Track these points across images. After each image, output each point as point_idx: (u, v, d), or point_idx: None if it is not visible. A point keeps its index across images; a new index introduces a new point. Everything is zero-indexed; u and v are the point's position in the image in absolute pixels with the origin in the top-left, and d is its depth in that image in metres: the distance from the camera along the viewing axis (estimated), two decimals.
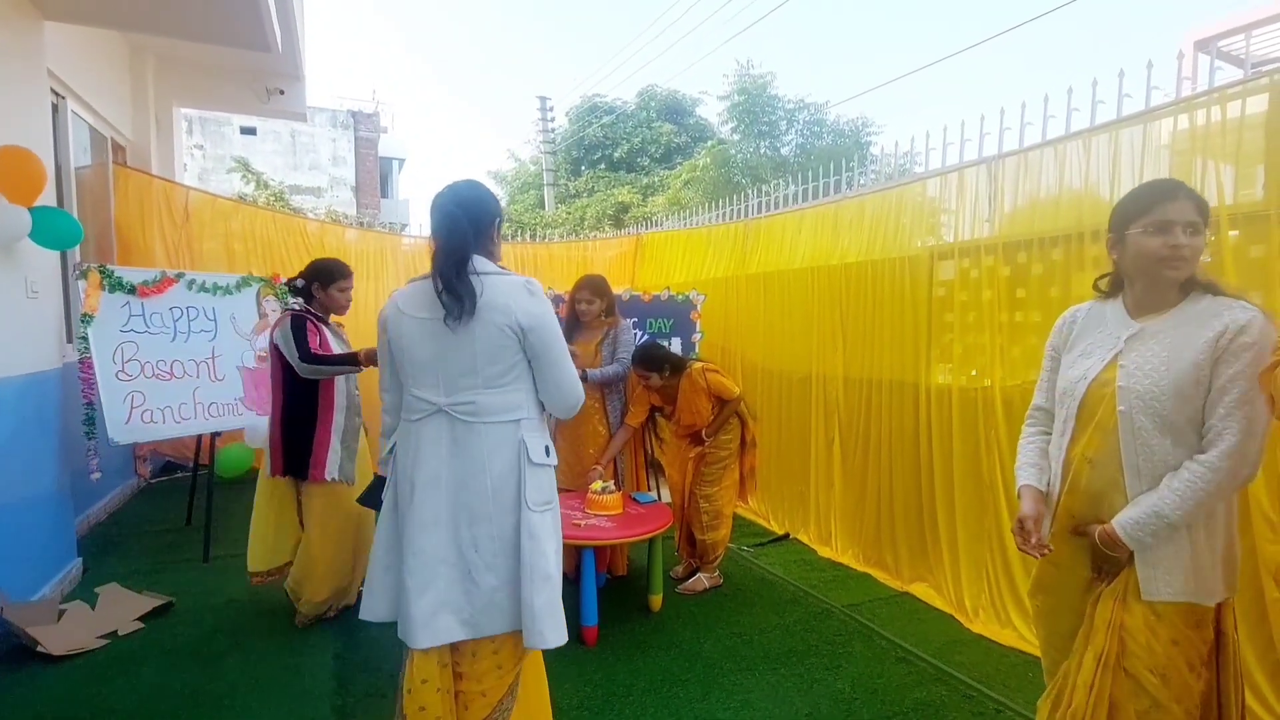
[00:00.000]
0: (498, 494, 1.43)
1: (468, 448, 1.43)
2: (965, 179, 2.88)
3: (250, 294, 3.82)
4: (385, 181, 20.26)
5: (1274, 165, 1.96)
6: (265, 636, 2.48)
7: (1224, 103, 2.09)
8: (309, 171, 17.24)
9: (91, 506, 3.74)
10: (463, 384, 1.42)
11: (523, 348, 1.43)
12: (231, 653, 2.36)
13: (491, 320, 1.40)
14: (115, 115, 4.49)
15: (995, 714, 2.02)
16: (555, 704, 1.94)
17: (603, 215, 13.33)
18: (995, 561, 2.63)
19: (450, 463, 1.42)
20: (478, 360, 1.41)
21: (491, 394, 1.43)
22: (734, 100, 11.18)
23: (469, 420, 1.43)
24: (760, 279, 4.07)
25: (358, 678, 2.20)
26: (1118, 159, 2.35)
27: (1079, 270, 2.44)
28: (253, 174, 12.62)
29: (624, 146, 14.64)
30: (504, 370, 1.43)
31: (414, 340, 1.44)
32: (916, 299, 3.02)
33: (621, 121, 14.94)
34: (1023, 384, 2.60)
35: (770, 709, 2.04)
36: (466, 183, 1.54)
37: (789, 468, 3.78)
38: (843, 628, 2.59)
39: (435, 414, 1.44)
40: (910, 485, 3.02)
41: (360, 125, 17.98)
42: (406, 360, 1.46)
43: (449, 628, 1.41)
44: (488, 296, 1.40)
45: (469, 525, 1.42)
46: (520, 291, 1.43)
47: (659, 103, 14.92)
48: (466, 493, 1.42)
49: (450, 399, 1.43)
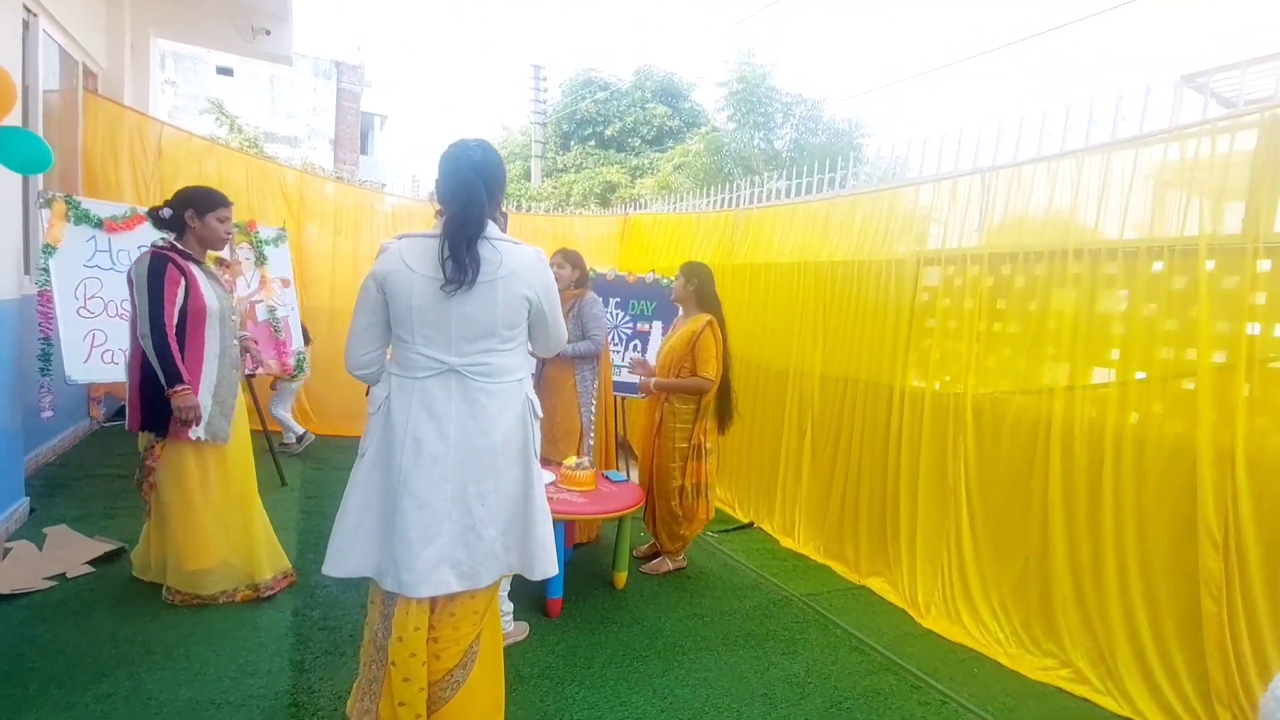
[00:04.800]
0: (506, 449, 1.50)
1: (480, 406, 1.47)
2: (959, 187, 2.91)
3: None
4: (365, 138, 19.57)
5: (1256, 199, 2.03)
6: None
7: (1214, 135, 2.15)
8: (286, 119, 16.54)
9: (40, 446, 3.57)
10: (479, 345, 1.47)
11: (530, 311, 1.52)
12: (190, 610, 2.26)
13: (514, 289, 1.47)
14: (88, 39, 4.21)
15: (940, 705, 2.09)
16: (516, 672, 2.01)
17: (589, 193, 13.16)
18: (951, 562, 2.71)
19: (460, 421, 1.46)
20: (498, 324, 1.47)
21: (502, 355, 1.50)
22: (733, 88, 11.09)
23: (481, 380, 1.47)
24: (746, 270, 4.07)
25: (315, 635, 2.17)
26: (1108, 180, 2.41)
27: (1060, 286, 2.50)
28: (227, 116, 12.03)
29: (616, 125, 14.42)
30: (517, 333, 1.52)
31: (426, 299, 1.43)
32: (900, 302, 3.06)
33: (615, 99, 14.69)
34: (994, 393, 2.68)
35: (727, 687, 2.09)
36: (479, 145, 1.53)
37: (759, 458, 3.82)
38: (800, 615, 2.65)
39: (445, 373, 1.46)
40: (876, 483, 3.09)
41: (344, 76, 17.27)
42: (415, 319, 1.45)
43: (447, 580, 1.45)
44: (511, 265, 1.46)
45: (476, 481, 1.47)
46: (537, 262, 1.52)
47: (654, 84, 14.70)
48: (475, 449, 1.46)
49: (463, 359, 1.46)
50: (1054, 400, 2.44)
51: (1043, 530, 2.43)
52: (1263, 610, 1.89)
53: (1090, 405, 2.35)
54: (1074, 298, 2.44)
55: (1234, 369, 2.00)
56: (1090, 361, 2.39)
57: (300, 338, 3.98)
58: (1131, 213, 2.35)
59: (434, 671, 1.49)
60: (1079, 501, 2.33)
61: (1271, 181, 2.00)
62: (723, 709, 1.97)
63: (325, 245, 5.01)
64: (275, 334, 3.77)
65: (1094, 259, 2.39)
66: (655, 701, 1.98)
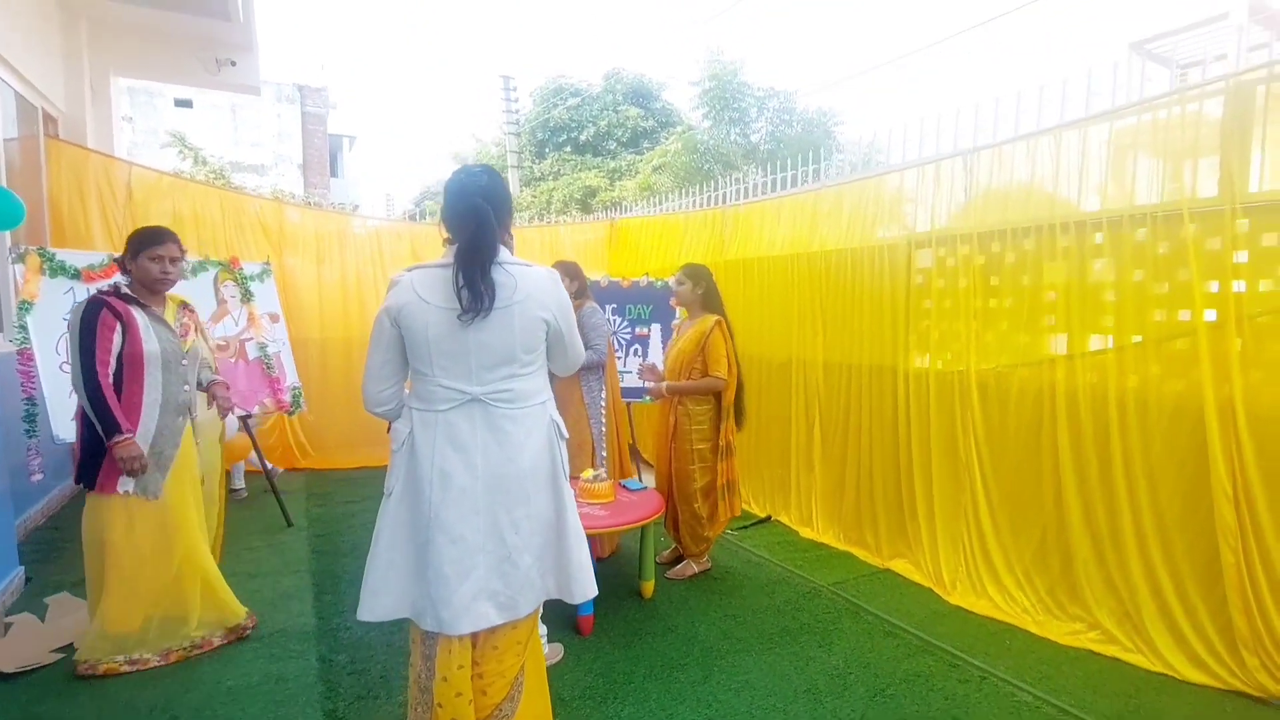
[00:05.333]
0: (535, 473, 1.49)
1: (505, 433, 1.46)
2: (942, 170, 2.97)
3: (207, 279, 3.63)
4: (334, 160, 19.38)
5: (1228, 162, 2.10)
6: (240, 642, 2.34)
7: (1184, 103, 2.22)
8: (251, 148, 16.32)
9: (29, 510, 3.48)
10: (499, 372, 1.45)
11: (549, 333, 1.51)
12: (204, 661, 2.21)
13: (531, 312, 1.46)
14: (46, 83, 4.11)
15: (980, 680, 2.14)
16: (557, 695, 1.98)
17: (570, 199, 13.17)
18: (971, 536, 2.77)
19: (486, 450, 1.45)
20: (517, 349, 1.45)
21: (524, 380, 1.49)
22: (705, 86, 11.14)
23: (504, 407, 1.46)
24: (739, 265, 4.11)
25: (345, 681, 2.12)
26: (1086, 153, 2.48)
27: (1050, 260, 2.57)
28: (190, 149, 11.82)
29: (590, 129, 14.44)
30: (536, 356, 1.51)
31: (442, 330, 1.42)
32: (895, 286, 3.12)
33: (587, 104, 14.71)
34: (996, 368, 2.74)
35: (770, 687, 2.12)
36: (484, 170, 1.52)
37: (770, 452, 3.87)
38: (831, 605, 2.69)
39: (468, 403, 1.45)
40: (889, 466, 3.15)
41: (308, 100, 17.08)
42: (433, 351, 1.43)
43: (486, 614, 1.44)
44: (526, 289, 1.46)
45: (508, 510, 1.46)
46: (551, 284, 1.51)
47: (625, 86, 14.75)
48: (504, 477, 1.45)
49: (485, 388, 1.45)
50: (1055, 370, 2.51)
51: (1057, 497, 2.49)
52: (1277, 555, 1.96)
53: (1091, 372, 2.42)
54: (1065, 269, 2.50)
55: (1225, 326, 2.07)
56: (1087, 329, 2.46)
57: (294, 372, 3.90)
58: (1111, 183, 2.42)
59: (481, 708, 1.47)
60: (1089, 466, 2.40)
61: (1241, 144, 2.07)
62: (768, 709, 1.99)
63: (309, 275, 4.88)
64: (268, 371, 3.71)
65: (1080, 230, 2.46)
66: (700, 710, 1.98)
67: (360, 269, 5.06)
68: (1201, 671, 2.09)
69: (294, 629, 2.46)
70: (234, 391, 3.53)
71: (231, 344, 3.64)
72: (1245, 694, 2.01)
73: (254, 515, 3.73)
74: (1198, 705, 2.00)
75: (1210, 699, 2.02)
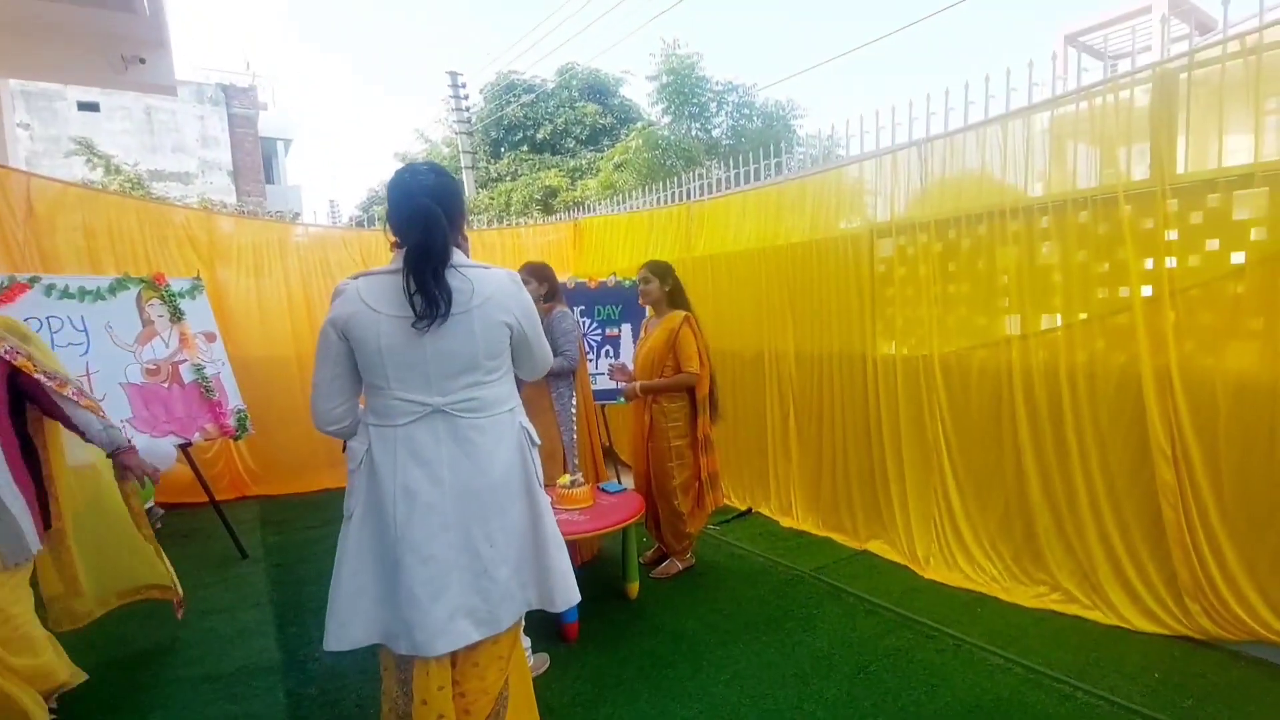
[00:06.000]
0: (507, 484, 1.43)
1: (473, 444, 1.39)
2: (898, 160, 3.07)
3: (129, 298, 3.33)
4: (269, 165, 18.22)
5: (1158, 147, 2.24)
6: (195, 686, 2.20)
7: (1116, 91, 2.35)
8: (172, 154, 14.91)
9: None
10: (462, 380, 1.38)
11: (512, 338, 1.45)
12: (157, 710, 2.07)
13: (492, 317, 1.39)
14: None
15: (956, 649, 2.26)
16: (546, 705, 1.95)
17: (530, 200, 13.00)
18: (941, 513, 2.90)
19: (453, 463, 1.38)
20: (479, 355, 1.38)
21: (490, 387, 1.42)
22: (663, 81, 11.12)
23: (470, 416, 1.39)
24: (707, 261, 4.16)
25: (317, 713, 2.02)
26: (1030, 141, 2.60)
27: (1002, 244, 2.69)
28: (99, 157, 10.64)
29: (547, 127, 14.23)
30: (500, 362, 1.44)
31: (397, 340, 1.33)
32: (860, 275, 3.21)
33: (542, 101, 14.49)
34: (958, 350, 2.86)
35: (759, 675, 2.17)
36: (430, 168, 1.42)
37: (747, 444, 3.95)
38: (813, 590, 2.78)
39: (429, 415, 1.37)
40: (862, 451, 3.25)
41: (234, 100, 15.82)
42: (386, 362, 1.34)
43: (465, 631, 1.38)
44: (485, 292, 1.38)
45: (481, 522, 1.40)
46: (512, 285, 1.44)
47: (580, 82, 14.59)
48: (474, 490, 1.39)
49: (448, 398, 1.37)
50: (1011, 350, 2.64)
51: (1017, 470, 2.62)
52: (1212, 511, 2.12)
53: (1043, 350, 2.55)
54: (1016, 253, 2.63)
55: (1160, 300, 2.21)
56: (1038, 309, 2.59)
57: (237, 394, 3.62)
58: (1054, 169, 2.55)
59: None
60: (1046, 439, 2.53)
61: (1168, 129, 2.21)
62: (759, 697, 2.04)
63: (247, 289, 4.56)
64: (207, 395, 3.44)
65: (1029, 215, 2.58)
66: (691, 704, 2.01)
67: (306, 280, 4.77)
68: (1152, 621, 2.25)
69: (256, 665, 2.32)
70: (170, 418, 3.28)
71: (163, 367, 3.36)
72: (1190, 638, 2.18)
73: (203, 549, 3.48)
74: (1149, 652, 2.16)
75: (1160, 646, 2.19)
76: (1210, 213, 2.11)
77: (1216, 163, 2.09)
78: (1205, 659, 2.10)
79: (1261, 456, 2.01)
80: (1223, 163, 2.07)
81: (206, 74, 15.65)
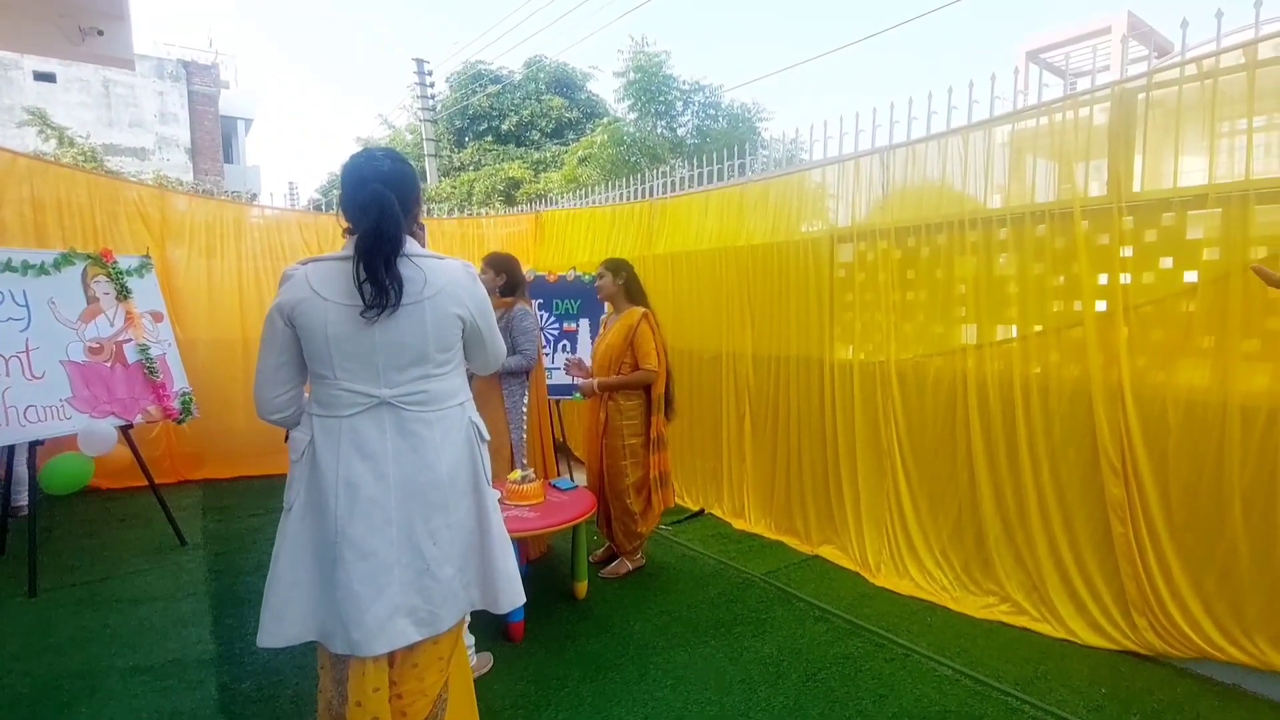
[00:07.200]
0: (454, 480, 1.39)
1: (419, 438, 1.35)
2: (860, 167, 3.06)
3: (74, 274, 3.21)
4: (228, 144, 17.70)
5: (1115, 164, 2.28)
6: (125, 676, 2.11)
7: (1076, 107, 2.39)
8: (129, 129, 14.57)
9: None
10: (411, 373, 1.34)
11: (464, 331, 1.41)
12: (83, 700, 1.99)
13: (444, 308, 1.36)
14: None
15: (904, 658, 2.22)
16: (487, 707, 1.90)
17: (492, 190, 12.70)
18: (893, 520, 2.88)
19: (398, 457, 1.34)
20: (430, 348, 1.35)
21: (439, 380, 1.39)
22: (630, 77, 11.06)
23: (417, 410, 1.35)
24: (668, 259, 4.08)
25: (251, 710, 1.95)
26: (991, 153, 2.62)
27: (960, 254, 2.70)
28: (53, 129, 10.39)
29: (512, 119, 13.98)
30: (452, 355, 1.41)
31: (343, 329, 1.29)
32: (820, 279, 3.19)
33: (508, 92, 14.23)
34: (914, 357, 2.86)
35: (706, 680, 2.10)
36: (386, 154, 1.38)
37: (702, 444, 3.87)
38: (763, 595, 2.72)
39: (376, 407, 1.33)
40: (816, 455, 3.22)
41: (195, 78, 15.48)
42: (333, 351, 1.30)
43: (404, 631, 1.33)
44: (438, 283, 1.35)
45: (425, 519, 1.35)
46: (466, 277, 1.41)
47: (548, 75, 14.39)
48: (419, 486, 1.35)
49: (395, 390, 1.34)
50: (966, 359, 2.65)
51: (970, 479, 2.63)
52: (1160, 526, 2.16)
53: (998, 360, 2.57)
54: (974, 263, 2.64)
55: (1114, 316, 2.25)
56: (994, 320, 2.61)
57: (183, 376, 3.54)
58: (1013, 182, 2.57)
59: None
60: (999, 449, 2.54)
61: (1125, 148, 2.25)
62: (704, 703, 1.98)
63: (198, 269, 4.47)
64: (151, 375, 3.35)
65: (987, 226, 2.60)
66: (636, 709, 1.96)
67: (258, 263, 4.67)
68: (1099, 635, 2.27)
69: (190, 658, 2.24)
70: (112, 399, 3.19)
71: (106, 346, 3.24)
72: (1136, 653, 2.21)
73: (140, 535, 3.38)
74: (1096, 667, 2.17)
75: (1106, 660, 2.20)
76: (1164, 231, 2.16)
77: (1172, 182, 2.14)
78: (1151, 674, 2.12)
79: (1210, 474, 2.05)
80: (1178, 183, 2.12)
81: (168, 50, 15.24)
